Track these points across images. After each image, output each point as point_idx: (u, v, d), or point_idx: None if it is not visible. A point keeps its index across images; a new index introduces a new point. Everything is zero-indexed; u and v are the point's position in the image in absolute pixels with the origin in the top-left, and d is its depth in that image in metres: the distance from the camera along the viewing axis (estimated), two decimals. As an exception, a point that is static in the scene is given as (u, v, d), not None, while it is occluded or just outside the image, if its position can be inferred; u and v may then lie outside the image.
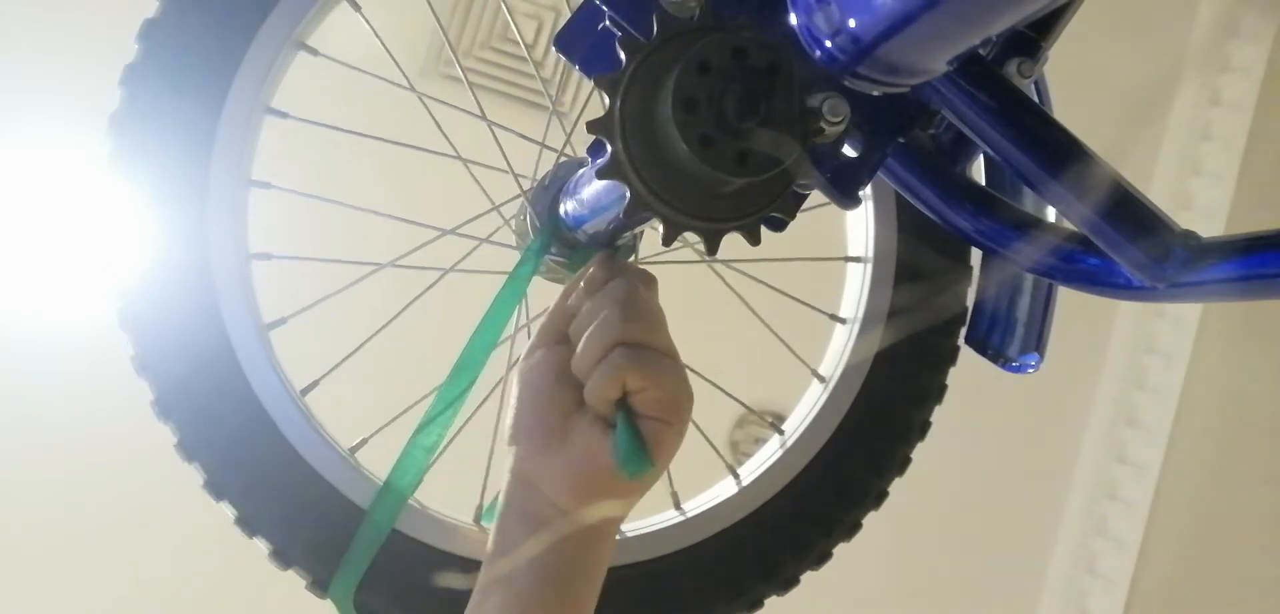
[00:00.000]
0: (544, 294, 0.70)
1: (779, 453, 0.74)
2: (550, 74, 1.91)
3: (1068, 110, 0.56)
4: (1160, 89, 2.01)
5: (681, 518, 0.73)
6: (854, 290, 0.74)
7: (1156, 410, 2.07)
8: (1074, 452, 2.17)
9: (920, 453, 0.75)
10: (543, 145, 0.80)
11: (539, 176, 0.75)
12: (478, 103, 0.85)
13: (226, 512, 0.69)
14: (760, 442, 0.78)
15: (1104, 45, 1.87)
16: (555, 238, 0.70)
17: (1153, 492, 2.06)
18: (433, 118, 0.80)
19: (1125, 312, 2.09)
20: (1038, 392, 2.05)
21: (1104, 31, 1.90)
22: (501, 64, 1.90)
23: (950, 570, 2.16)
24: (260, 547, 0.70)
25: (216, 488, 0.69)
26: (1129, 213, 0.49)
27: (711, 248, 0.52)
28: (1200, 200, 2.03)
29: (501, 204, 0.78)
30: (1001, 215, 0.54)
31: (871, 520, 0.75)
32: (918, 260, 0.71)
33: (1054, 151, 0.50)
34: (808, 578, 0.76)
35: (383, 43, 0.79)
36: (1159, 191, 2.07)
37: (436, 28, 1.81)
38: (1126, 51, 1.94)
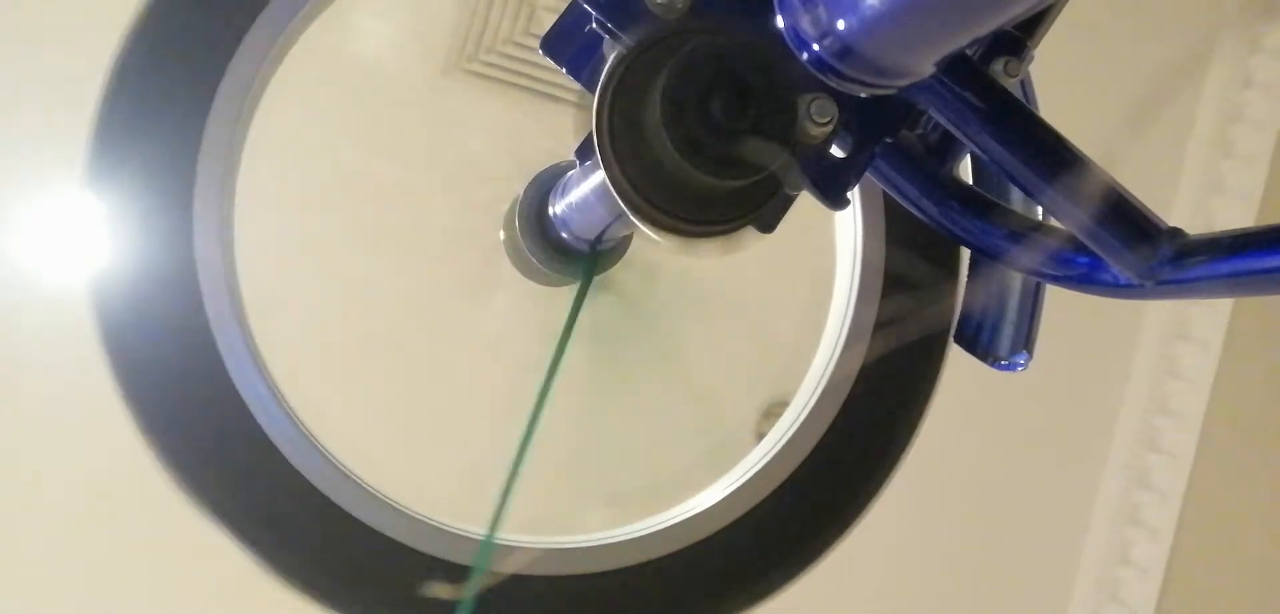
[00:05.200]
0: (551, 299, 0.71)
1: (747, 475, 0.73)
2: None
3: (1098, 98, 0.56)
4: (1190, 71, 1.99)
5: (643, 531, 0.73)
6: (840, 301, 0.73)
7: (1190, 398, 2.05)
8: (1107, 440, 2.15)
9: (953, 442, 0.74)
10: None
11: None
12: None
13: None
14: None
15: (1132, 29, 1.85)
16: (544, 241, 0.71)
17: (1186, 480, 2.04)
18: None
19: (1155, 299, 2.07)
20: (1070, 380, 2.04)
21: (1132, 16, 1.88)
22: (525, 59, 1.90)
23: (983, 560, 2.15)
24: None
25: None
26: (1116, 211, 0.49)
27: (700, 251, 0.53)
28: (1232, 183, 2.00)
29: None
30: (989, 215, 0.54)
31: (906, 509, 0.74)
32: (906, 271, 0.71)
33: (1040, 151, 0.50)
34: (840, 567, 0.75)
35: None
36: (1190, 175, 2.04)
37: (458, 23, 1.81)
38: (1155, 34, 1.92)
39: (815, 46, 0.50)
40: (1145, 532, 2.10)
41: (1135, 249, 0.48)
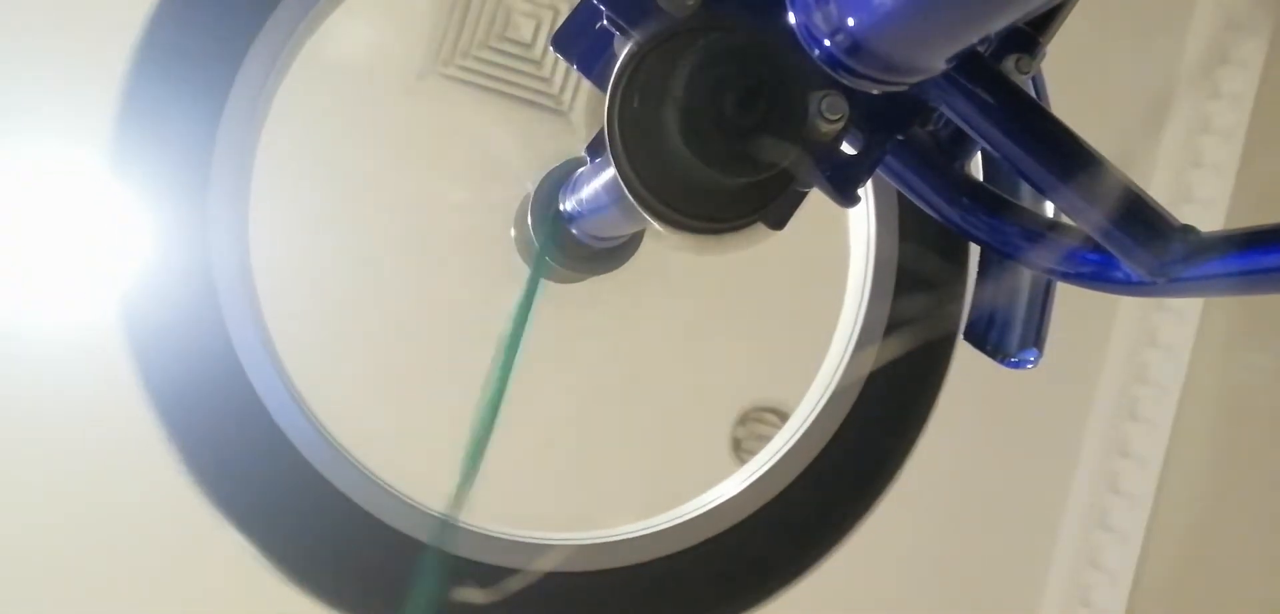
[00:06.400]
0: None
1: (740, 486, 0.73)
2: (549, 73, 1.91)
3: (1067, 108, 0.57)
4: (1159, 83, 2.02)
5: (624, 536, 0.72)
6: (852, 302, 0.73)
7: (1158, 404, 2.07)
8: (1076, 445, 2.17)
9: (922, 447, 0.75)
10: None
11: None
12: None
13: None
14: (763, 438, 0.78)
15: (1101, 42, 1.87)
16: (553, 237, 0.71)
17: (1155, 485, 2.06)
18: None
19: (1126, 305, 2.10)
20: (1039, 385, 2.05)
21: (1101, 29, 1.90)
22: (501, 63, 1.90)
23: (953, 564, 2.16)
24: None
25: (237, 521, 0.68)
26: (1128, 208, 0.49)
27: (711, 248, 0.53)
28: (1200, 193, 2.03)
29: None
30: (1000, 211, 0.55)
31: (873, 515, 0.75)
32: (919, 268, 0.71)
33: (1053, 147, 0.51)
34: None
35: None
36: (1159, 185, 2.07)
37: (434, 28, 1.81)
38: (1124, 47, 1.94)
39: (827, 43, 0.51)
40: (1114, 536, 2.12)
41: (1147, 246, 0.49)
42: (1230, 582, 1.97)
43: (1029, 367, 0.62)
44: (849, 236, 0.74)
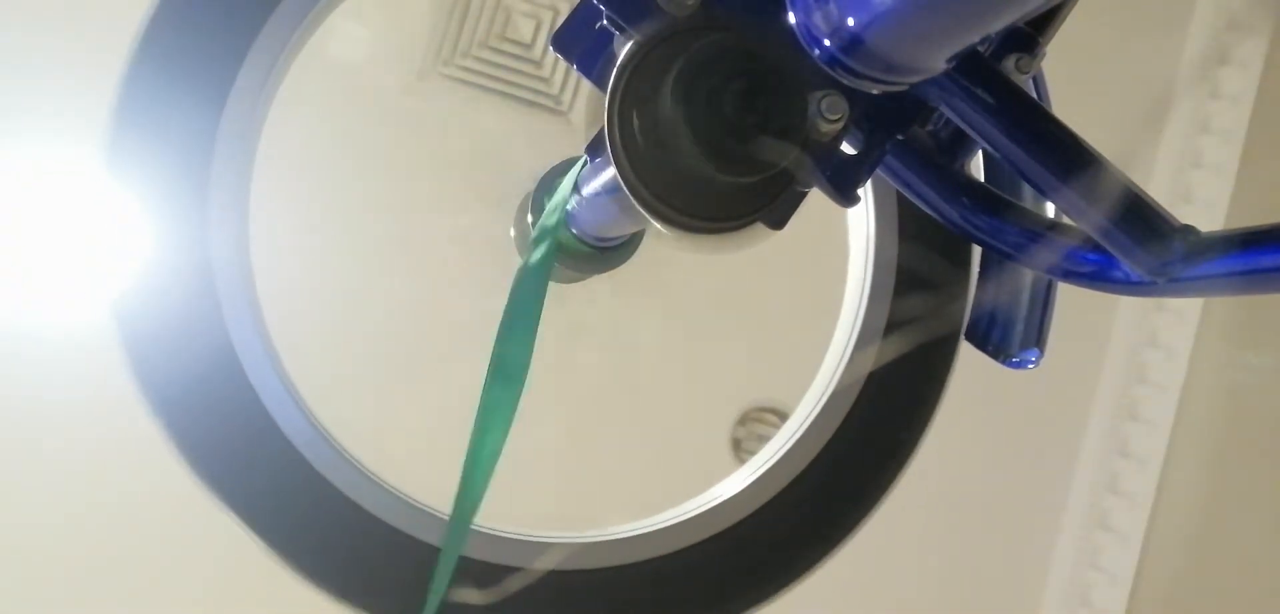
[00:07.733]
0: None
1: (739, 486, 0.73)
2: (549, 73, 1.91)
3: (1067, 108, 0.57)
4: (1159, 83, 2.02)
5: (624, 536, 0.72)
6: (851, 302, 0.73)
7: (1158, 404, 2.07)
8: (1076, 445, 2.17)
9: (923, 448, 0.75)
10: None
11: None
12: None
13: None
14: (763, 438, 0.78)
15: (1101, 42, 1.87)
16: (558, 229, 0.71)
17: (1155, 485, 2.06)
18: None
19: (1126, 306, 2.10)
20: (1039, 385, 2.05)
21: (1101, 29, 1.90)
22: (500, 63, 1.90)
23: (953, 564, 2.16)
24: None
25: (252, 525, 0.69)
26: (1129, 208, 0.49)
27: (711, 248, 0.53)
28: (1200, 194, 2.03)
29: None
30: (1001, 212, 0.55)
31: (874, 516, 0.75)
32: (920, 268, 0.71)
33: (1053, 148, 0.51)
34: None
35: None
36: (1159, 185, 2.07)
37: (433, 28, 1.81)
38: (1124, 47, 1.94)
39: (826, 43, 0.50)
40: (1114, 537, 2.11)
41: (1147, 247, 0.49)
42: (1230, 582, 1.97)
43: (1031, 367, 0.62)
44: (848, 237, 0.74)
